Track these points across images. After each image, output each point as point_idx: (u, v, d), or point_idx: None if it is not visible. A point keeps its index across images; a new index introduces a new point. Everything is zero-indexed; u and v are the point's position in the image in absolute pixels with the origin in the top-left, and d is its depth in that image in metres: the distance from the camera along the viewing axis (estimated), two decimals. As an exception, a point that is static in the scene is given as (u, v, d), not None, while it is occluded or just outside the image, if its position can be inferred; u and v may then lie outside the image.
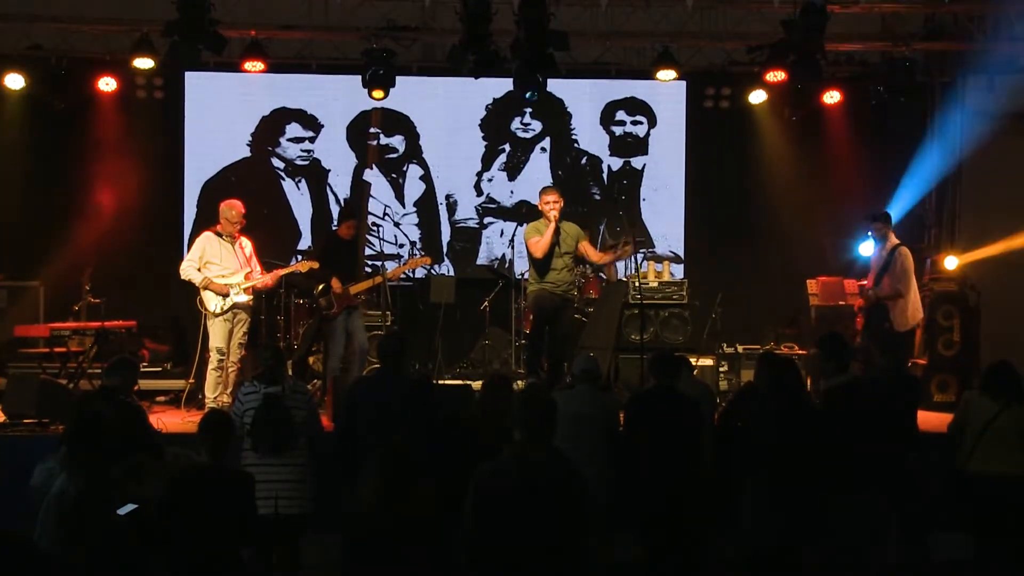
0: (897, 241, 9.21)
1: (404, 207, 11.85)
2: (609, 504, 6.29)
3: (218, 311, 8.76)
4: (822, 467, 5.95)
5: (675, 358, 6.84)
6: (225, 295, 8.76)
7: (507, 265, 11.64)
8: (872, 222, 9.37)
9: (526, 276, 9.56)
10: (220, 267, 8.84)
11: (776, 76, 9.96)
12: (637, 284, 9.55)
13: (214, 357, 8.76)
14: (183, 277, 8.84)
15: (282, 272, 9.36)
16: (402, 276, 10.32)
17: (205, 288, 8.76)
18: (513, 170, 11.96)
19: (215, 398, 8.73)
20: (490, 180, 11.98)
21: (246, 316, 9.01)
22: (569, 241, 9.14)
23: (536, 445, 4.78)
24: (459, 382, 9.52)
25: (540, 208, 9.09)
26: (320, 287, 9.34)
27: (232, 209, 8.97)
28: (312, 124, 11.82)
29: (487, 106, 11.88)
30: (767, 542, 5.93)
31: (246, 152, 11.77)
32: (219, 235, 8.95)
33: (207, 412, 6.32)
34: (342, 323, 9.31)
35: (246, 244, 9.08)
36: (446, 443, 6.07)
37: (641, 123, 12.10)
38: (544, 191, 9.17)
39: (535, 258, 9.03)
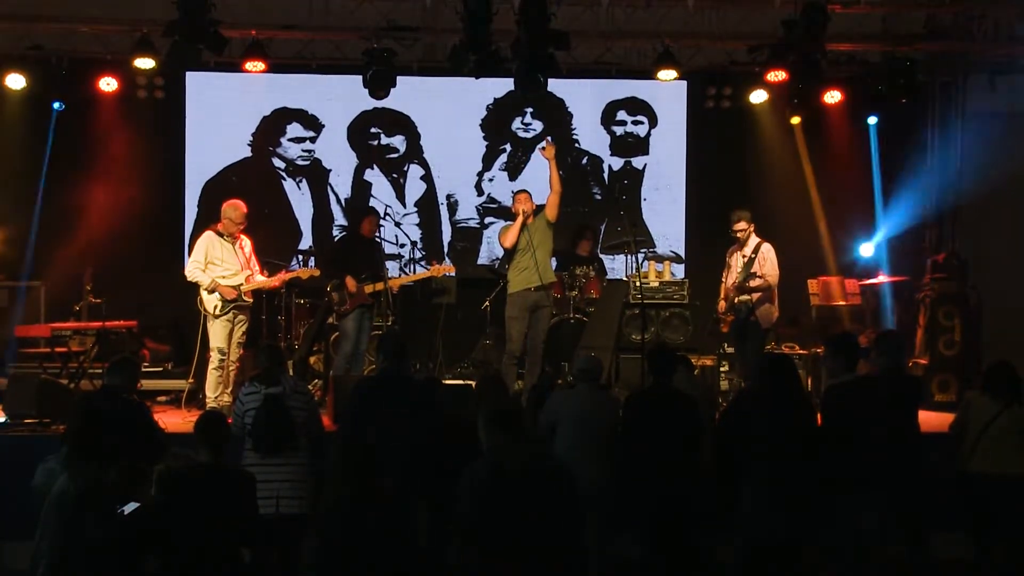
0: (759, 238, 9.17)
1: (405, 207, 11.86)
2: (608, 503, 6.31)
3: (218, 312, 8.78)
4: (820, 465, 5.96)
5: (670, 352, 6.85)
6: (232, 299, 8.78)
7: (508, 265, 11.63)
8: (737, 222, 9.20)
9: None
10: (222, 268, 8.85)
11: (777, 76, 9.97)
12: (638, 284, 9.56)
13: (215, 357, 8.78)
14: (190, 279, 8.84)
15: (288, 276, 9.40)
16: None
17: (212, 291, 8.77)
18: (514, 170, 11.96)
19: (216, 397, 8.75)
20: (491, 180, 11.99)
21: (245, 316, 9.03)
22: (539, 233, 9.26)
23: (517, 443, 4.88)
24: (460, 382, 9.52)
25: (512, 210, 9.52)
26: (333, 283, 9.33)
27: (236, 210, 8.98)
28: (313, 124, 11.81)
29: (488, 106, 11.88)
30: (764, 541, 5.94)
31: (247, 152, 11.76)
32: (220, 235, 8.96)
33: (202, 413, 6.33)
34: (355, 321, 9.29)
35: (246, 243, 9.10)
36: (449, 448, 6.07)
37: (642, 123, 12.10)
38: (515, 194, 9.58)
39: (504, 249, 9.54)
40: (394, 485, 5.33)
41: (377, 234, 9.86)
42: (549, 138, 9.89)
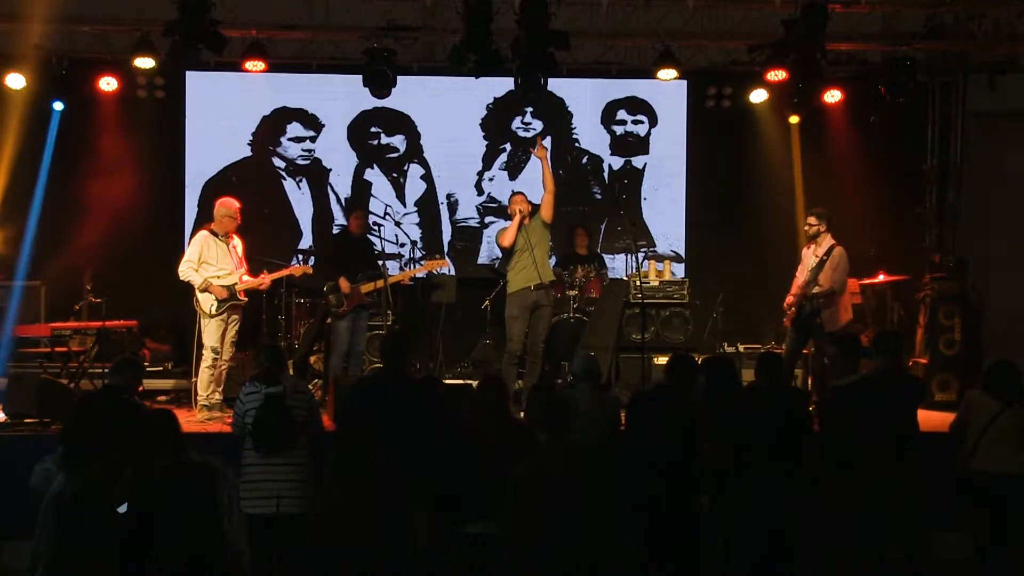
0: (833, 240, 9.04)
1: (405, 206, 11.85)
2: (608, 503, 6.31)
3: (213, 312, 8.78)
4: (815, 464, 6.01)
5: (688, 361, 6.79)
6: (224, 299, 8.78)
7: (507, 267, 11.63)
8: (808, 217, 9.17)
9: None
10: (216, 268, 8.86)
11: (777, 75, 9.98)
12: (638, 283, 9.56)
13: (209, 356, 8.79)
14: (182, 278, 8.84)
15: (276, 275, 9.37)
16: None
17: (204, 290, 8.77)
18: (514, 169, 11.96)
19: (207, 396, 8.78)
20: (491, 179, 11.98)
21: (239, 315, 9.04)
22: (536, 233, 9.26)
23: (557, 445, 4.90)
24: (460, 382, 9.53)
25: (508, 211, 9.51)
26: (330, 284, 9.34)
27: (228, 208, 8.98)
28: (313, 124, 11.81)
29: (488, 105, 11.88)
30: (756, 538, 5.99)
31: (247, 152, 11.76)
32: (214, 234, 8.96)
33: (154, 412, 6.04)
34: (349, 322, 9.30)
35: (237, 244, 9.09)
36: (446, 446, 6.07)
37: (642, 122, 12.09)
38: (512, 195, 9.57)
39: (502, 249, 9.52)
40: (390, 485, 5.32)
41: (375, 231, 9.85)
42: (545, 137, 9.88)
